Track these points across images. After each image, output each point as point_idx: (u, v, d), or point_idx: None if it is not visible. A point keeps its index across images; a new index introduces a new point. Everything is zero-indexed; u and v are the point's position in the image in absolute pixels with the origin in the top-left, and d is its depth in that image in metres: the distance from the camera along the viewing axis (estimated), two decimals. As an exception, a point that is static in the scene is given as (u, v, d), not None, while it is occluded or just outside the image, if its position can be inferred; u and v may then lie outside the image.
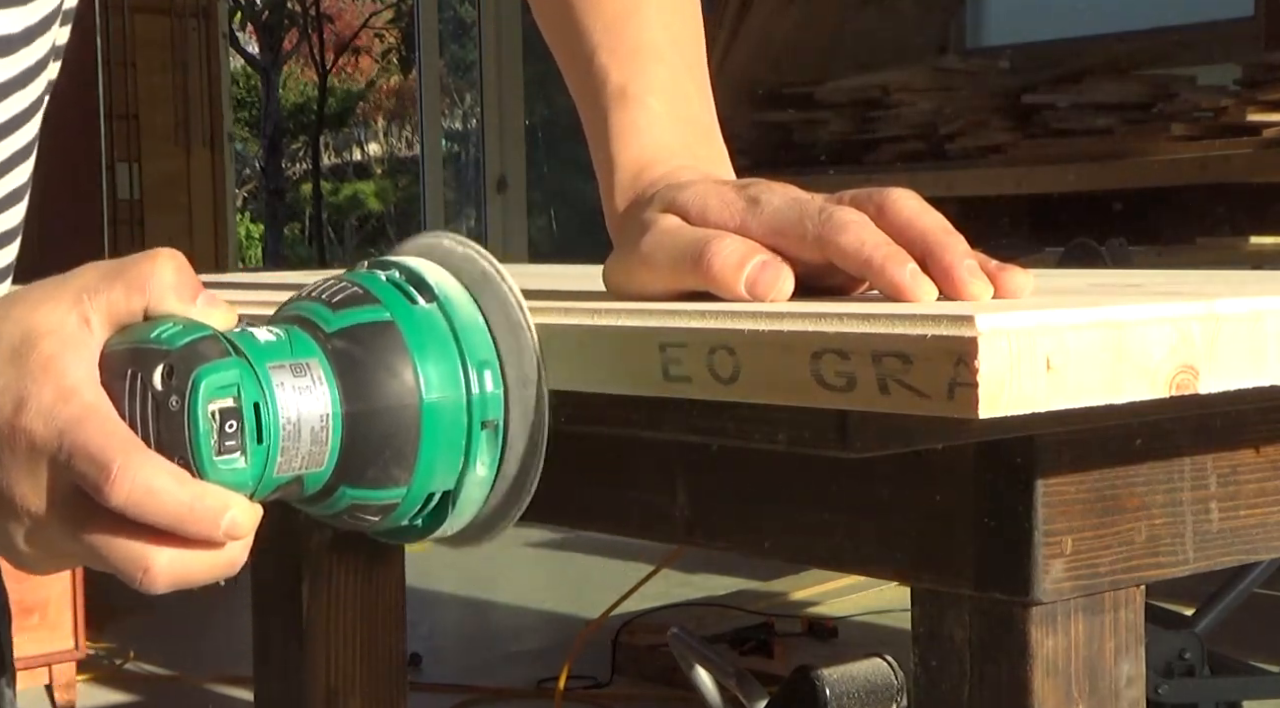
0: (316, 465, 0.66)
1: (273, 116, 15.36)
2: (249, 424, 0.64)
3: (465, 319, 0.68)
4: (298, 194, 16.40)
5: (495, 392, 0.68)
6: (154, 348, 0.64)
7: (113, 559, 0.64)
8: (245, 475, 0.64)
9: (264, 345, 0.66)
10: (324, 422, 0.65)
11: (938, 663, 0.74)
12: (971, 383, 0.58)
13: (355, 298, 0.68)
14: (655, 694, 3.66)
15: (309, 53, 16.25)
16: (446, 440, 0.67)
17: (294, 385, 0.65)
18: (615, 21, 0.90)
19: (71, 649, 3.54)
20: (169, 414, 0.63)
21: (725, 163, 0.88)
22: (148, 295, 0.66)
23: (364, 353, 0.66)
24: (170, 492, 0.63)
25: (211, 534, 0.64)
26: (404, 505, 0.68)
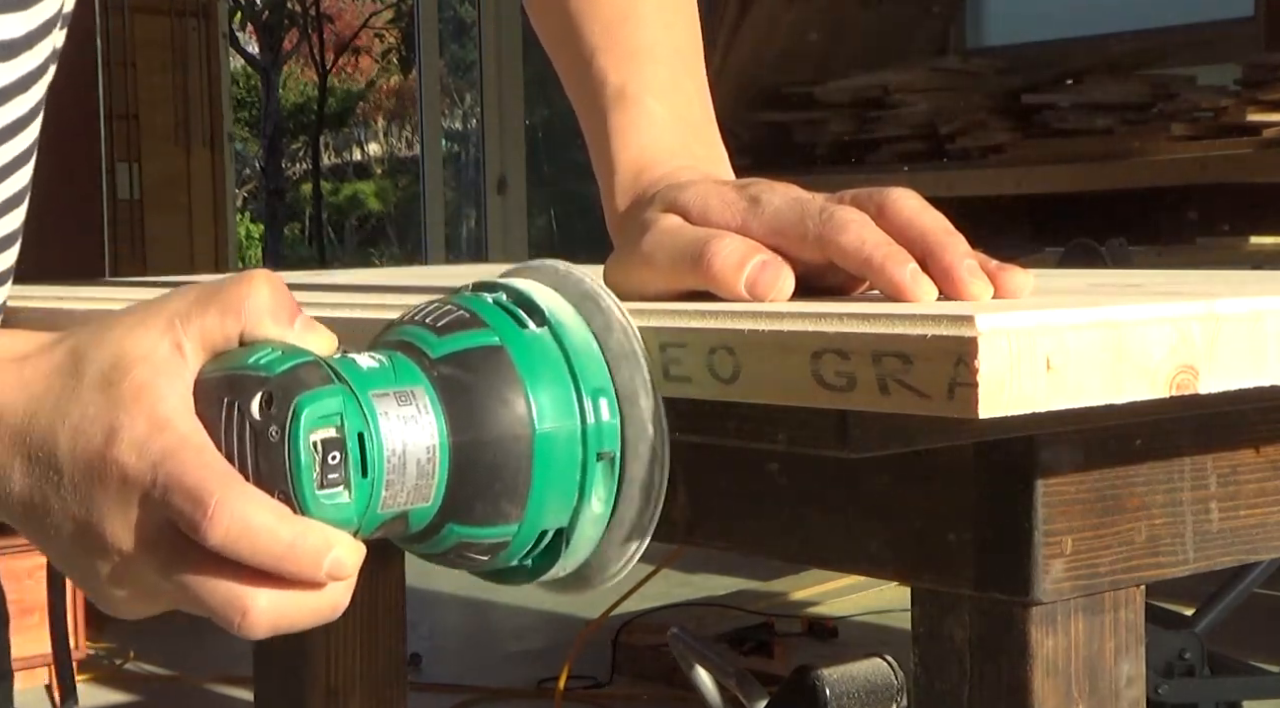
0: (423, 500, 0.62)
1: (273, 116, 15.36)
2: (353, 456, 0.60)
3: (578, 344, 0.65)
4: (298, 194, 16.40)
5: (611, 421, 0.65)
6: (251, 375, 0.61)
7: (208, 601, 0.61)
8: (349, 511, 0.61)
9: (366, 372, 0.62)
10: (430, 453, 0.62)
11: (938, 663, 0.74)
12: (971, 383, 0.58)
13: (461, 322, 0.64)
14: (655, 694, 3.66)
15: (309, 53, 16.25)
16: (560, 474, 0.64)
17: (399, 415, 0.61)
18: (613, 23, 0.90)
19: (71, 649, 3.54)
20: (268, 445, 0.60)
21: (724, 163, 0.88)
22: (243, 320, 0.63)
23: (473, 380, 0.63)
24: (270, 530, 0.60)
25: (314, 575, 0.61)
26: (514, 544, 0.64)
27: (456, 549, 0.64)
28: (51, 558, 0.65)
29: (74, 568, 0.64)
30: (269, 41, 15.71)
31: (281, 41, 15.94)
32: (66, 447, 0.62)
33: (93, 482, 0.61)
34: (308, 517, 0.60)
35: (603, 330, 0.66)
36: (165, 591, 0.63)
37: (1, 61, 0.83)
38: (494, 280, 0.68)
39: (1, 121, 0.84)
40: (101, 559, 0.62)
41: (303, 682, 1.44)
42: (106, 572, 0.63)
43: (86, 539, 0.62)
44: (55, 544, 0.63)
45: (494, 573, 0.67)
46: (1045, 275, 0.86)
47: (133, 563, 0.62)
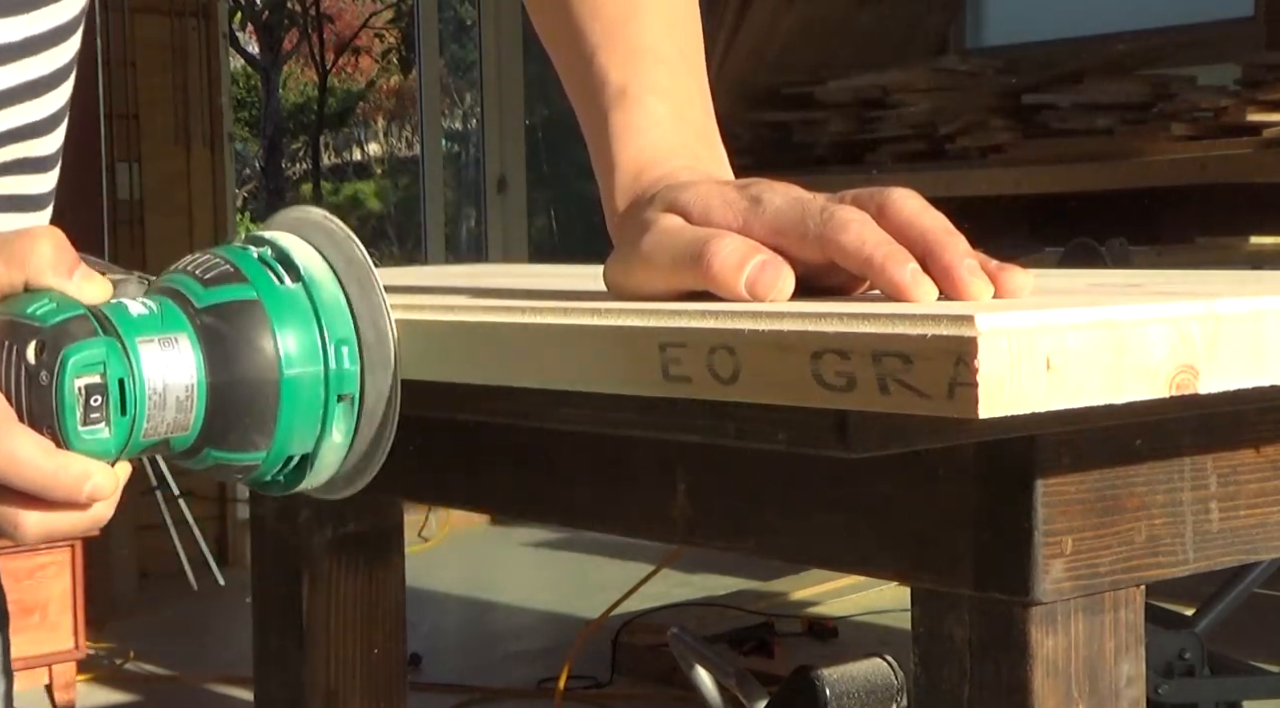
0: (182, 430, 0.72)
1: (273, 116, 15.35)
2: (113, 397, 0.70)
3: (328, 299, 0.75)
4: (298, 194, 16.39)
5: (352, 368, 0.74)
6: (29, 323, 0.70)
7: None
8: (109, 444, 0.70)
9: (135, 319, 0.71)
10: (189, 392, 0.72)
11: (938, 663, 0.74)
12: (971, 383, 0.58)
13: (225, 275, 0.74)
14: (655, 694, 3.66)
15: (309, 53, 16.24)
16: (304, 411, 0.74)
17: (161, 358, 0.71)
18: (614, 23, 0.90)
19: (71, 649, 3.54)
20: (39, 388, 0.69)
21: (724, 164, 0.88)
22: (27, 270, 0.71)
23: (230, 329, 0.72)
24: (35, 461, 0.69)
25: (75, 498, 0.70)
26: (264, 466, 0.75)
27: (215, 467, 0.74)
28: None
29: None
30: (269, 41, 15.70)
31: (281, 41, 15.93)
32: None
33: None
34: (71, 450, 0.69)
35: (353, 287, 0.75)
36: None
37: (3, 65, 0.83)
38: (259, 234, 0.77)
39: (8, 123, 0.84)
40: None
41: (303, 682, 1.44)
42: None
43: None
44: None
45: (252, 482, 0.77)
46: (1045, 275, 0.86)
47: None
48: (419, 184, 6.70)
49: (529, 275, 1.41)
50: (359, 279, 0.75)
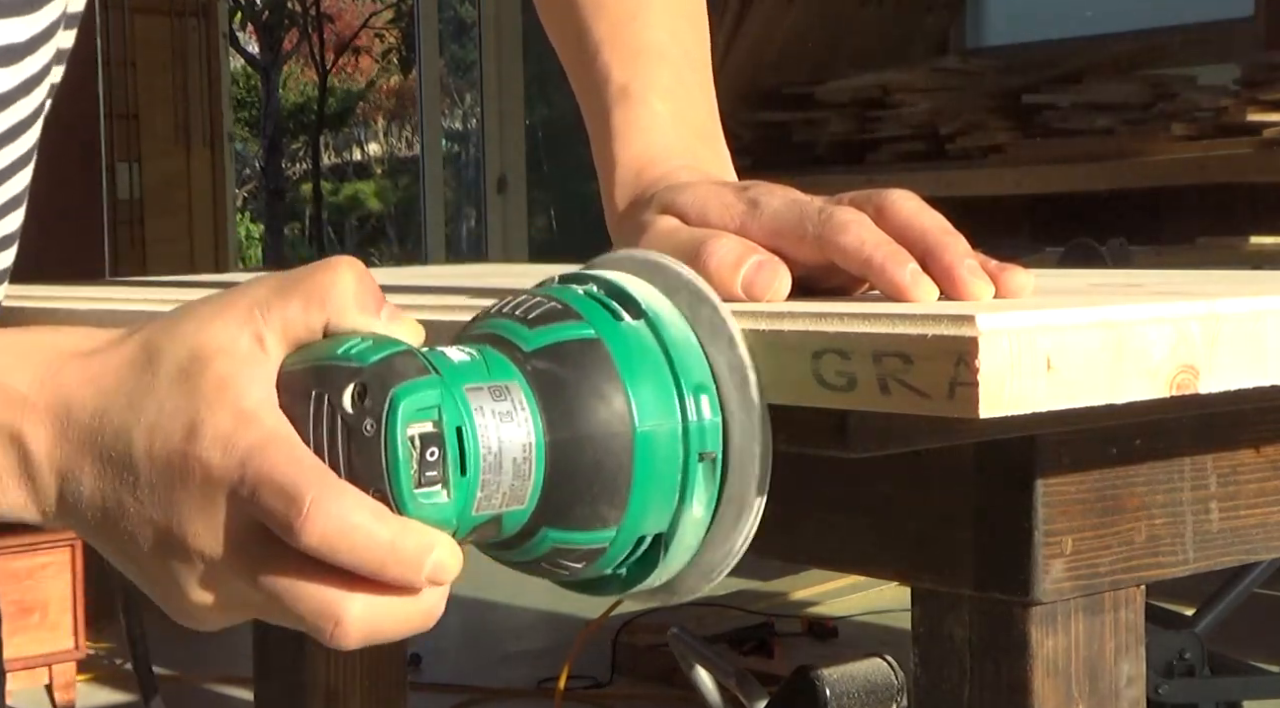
0: (518, 503, 0.59)
1: (273, 116, 15.35)
2: (452, 452, 0.57)
3: (677, 337, 0.61)
4: (298, 194, 16.40)
5: (714, 419, 0.61)
6: (342, 365, 0.57)
7: (298, 608, 0.57)
8: (448, 512, 0.57)
9: (457, 366, 0.58)
10: (526, 452, 0.58)
11: (938, 663, 0.74)
12: (972, 383, 0.58)
13: (554, 314, 0.61)
14: (655, 694, 3.66)
15: (309, 53, 16.25)
16: (661, 475, 0.60)
17: (494, 411, 0.58)
18: (620, 22, 0.90)
19: (71, 649, 3.54)
20: (362, 440, 0.56)
21: (726, 164, 0.88)
22: (328, 309, 0.59)
23: (569, 374, 0.59)
24: (369, 530, 0.56)
25: (414, 578, 0.57)
26: (612, 550, 0.60)
27: (549, 556, 0.60)
28: (125, 568, 0.61)
29: (151, 577, 0.60)
30: (269, 41, 15.71)
31: (281, 41, 15.93)
32: (143, 445, 0.58)
33: (173, 482, 0.57)
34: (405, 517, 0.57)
35: (700, 322, 0.62)
36: (250, 599, 0.59)
37: (4, 66, 0.82)
38: (583, 272, 0.64)
39: (6, 124, 0.84)
40: (183, 565, 0.58)
41: (303, 682, 1.44)
42: (189, 579, 0.59)
43: (167, 544, 0.58)
44: (131, 551, 0.59)
45: (584, 583, 0.63)
46: (1045, 275, 0.86)
47: (217, 568, 0.58)
48: (419, 184, 6.71)
49: (529, 276, 1.41)
50: (707, 316, 0.62)
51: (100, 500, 0.59)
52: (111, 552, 0.60)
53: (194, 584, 0.59)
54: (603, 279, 0.63)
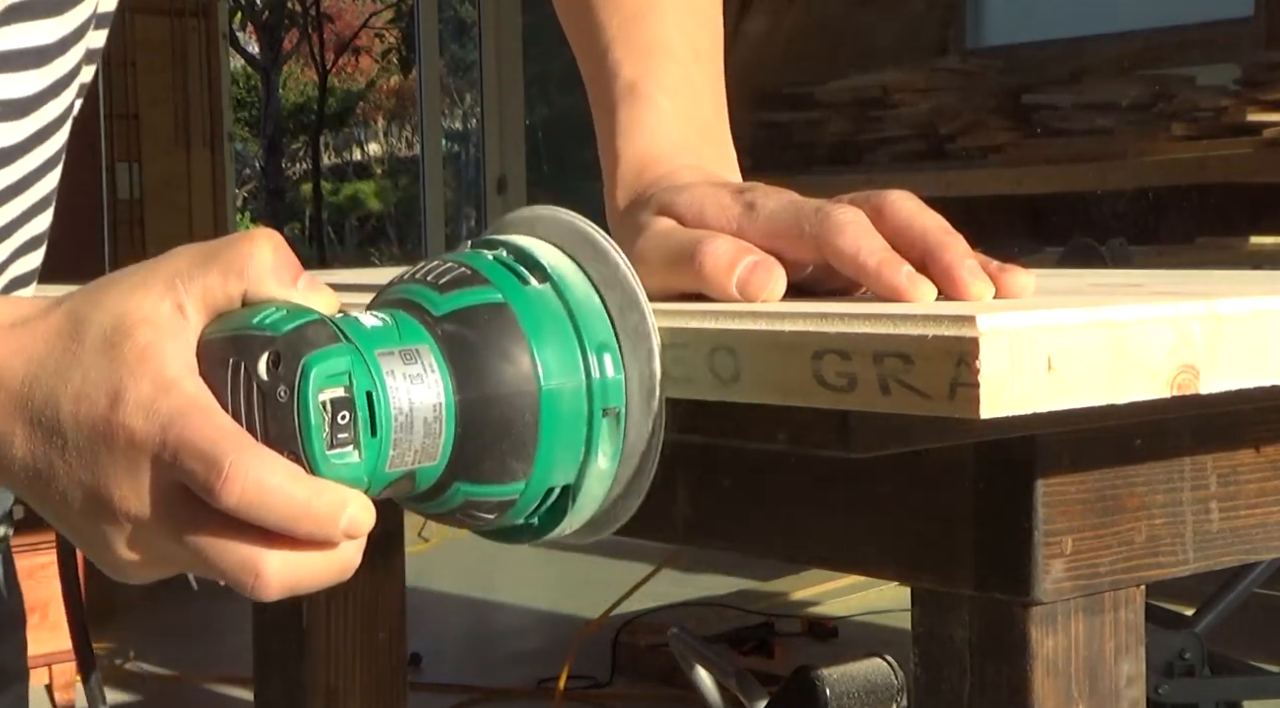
0: (430, 459, 0.61)
1: (273, 116, 15.35)
2: (362, 415, 0.59)
3: (581, 299, 0.64)
4: (298, 194, 16.40)
5: (616, 377, 0.63)
6: (257, 334, 0.60)
7: (220, 563, 0.60)
8: (359, 471, 0.60)
9: (370, 331, 0.61)
10: (437, 412, 0.61)
11: (938, 663, 0.74)
12: (973, 383, 0.58)
13: (463, 279, 0.63)
14: (655, 694, 3.66)
15: (309, 53, 16.25)
16: (567, 430, 0.63)
17: (405, 373, 0.60)
18: (631, 18, 0.90)
19: (71, 649, 3.54)
20: (276, 405, 0.59)
21: (732, 165, 0.88)
22: (246, 279, 0.61)
23: (477, 337, 0.62)
24: (285, 489, 0.58)
25: (330, 533, 0.60)
26: (522, 501, 0.63)
27: (463, 508, 0.63)
28: (58, 525, 0.64)
29: (82, 535, 0.63)
30: (269, 41, 15.71)
31: (281, 41, 15.93)
32: (70, 411, 0.60)
33: (98, 446, 0.60)
34: (319, 477, 0.59)
35: (605, 282, 0.65)
36: (176, 555, 0.61)
37: (34, 68, 0.82)
38: (493, 237, 0.67)
39: (35, 126, 0.84)
40: (111, 525, 0.61)
41: (303, 682, 1.44)
42: (117, 538, 0.61)
43: (95, 505, 0.61)
44: (62, 511, 0.62)
45: (499, 531, 0.66)
46: (1045, 275, 0.86)
47: (143, 528, 0.60)
48: (419, 184, 6.71)
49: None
50: (610, 276, 0.65)
51: (31, 462, 0.62)
52: (46, 511, 0.63)
53: (122, 543, 0.61)
54: (511, 244, 0.65)
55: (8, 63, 0.81)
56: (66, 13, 0.83)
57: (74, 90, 0.86)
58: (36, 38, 0.82)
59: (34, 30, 0.81)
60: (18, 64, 0.81)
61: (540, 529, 0.65)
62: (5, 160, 0.82)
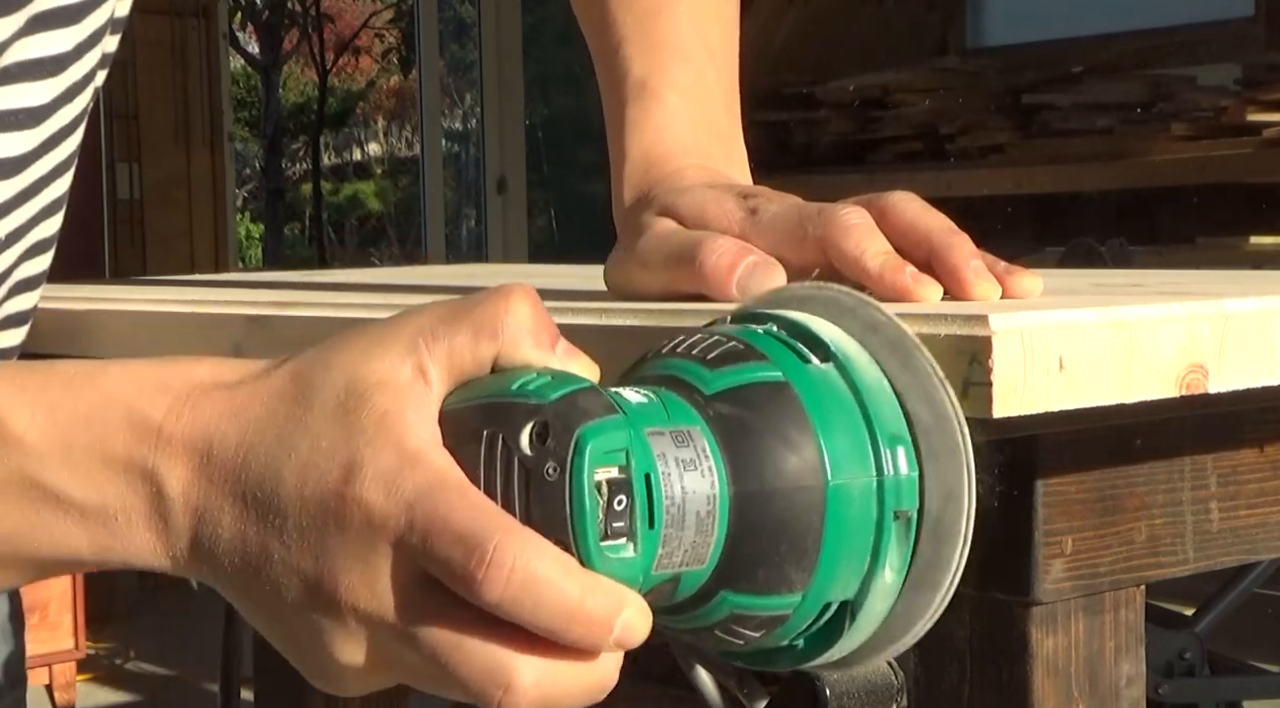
0: (698, 562, 0.53)
1: (273, 116, 15.35)
2: (640, 502, 0.51)
3: (870, 383, 0.55)
4: (298, 194, 16.40)
5: (910, 474, 0.55)
6: (519, 402, 0.51)
7: (463, 672, 0.51)
8: (634, 568, 0.51)
9: (636, 407, 0.53)
10: (711, 505, 0.52)
11: (938, 663, 0.74)
12: (986, 382, 0.58)
13: (736, 354, 0.55)
14: (655, 694, 3.66)
15: (309, 53, 16.25)
16: (853, 535, 0.54)
17: (677, 458, 0.52)
18: (646, 16, 0.90)
19: (71, 649, 3.54)
20: (542, 485, 0.50)
21: (741, 165, 0.88)
22: (500, 341, 0.54)
23: (756, 420, 0.53)
24: (559, 584, 0.50)
25: (600, 641, 0.51)
26: (795, 618, 0.55)
27: (725, 622, 0.55)
28: (263, 622, 0.55)
29: (293, 634, 0.55)
30: (269, 41, 15.70)
31: (281, 41, 15.93)
32: (294, 484, 0.53)
33: (327, 526, 0.52)
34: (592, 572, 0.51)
35: (897, 369, 0.56)
36: (404, 660, 0.53)
37: (51, 77, 0.82)
38: (759, 310, 0.59)
39: (48, 132, 0.84)
40: (332, 621, 0.53)
41: (303, 682, 1.44)
42: (337, 637, 0.53)
43: (315, 596, 0.53)
44: (272, 604, 0.54)
45: (755, 654, 0.58)
46: (1046, 275, 0.86)
47: (372, 625, 0.52)
48: (419, 184, 6.71)
49: (529, 276, 1.41)
50: (899, 354, 0.56)
51: (241, 545, 0.54)
52: (249, 604, 0.55)
53: (342, 642, 0.53)
54: (784, 318, 0.57)
55: (27, 72, 0.81)
56: (84, 20, 0.82)
57: (88, 95, 0.86)
58: (55, 46, 0.81)
59: (52, 39, 0.81)
60: (36, 73, 0.81)
61: (805, 653, 0.57)
62: (18, 167, 0.82)
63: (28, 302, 0.89)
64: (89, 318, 1.00)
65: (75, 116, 0.85)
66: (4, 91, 0.80)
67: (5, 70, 0.79)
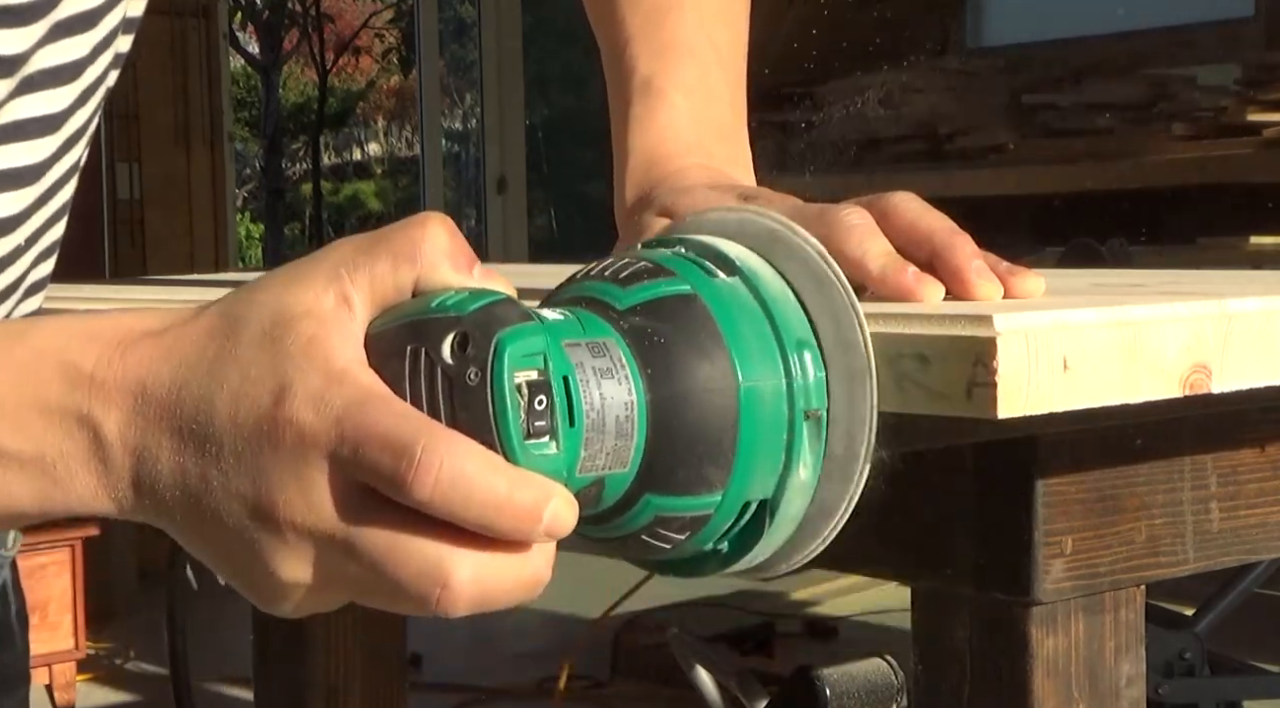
0: (620, 466, 0.55)
1: (273, 116, 15.35)
2: (560, 401, 0.53)
3: (775, 293, 0.58)
4: (298, 194, 16.40)
5: (818, 376, 0.57)
6: (439, 317, 0.54)
7: (401, 572, 0.53)
8: (558, 465, 0.53)
9: (553, 323, 0.55)
10: (629, 410, 0.54)
11: (938, 663, 0.74)
12: (990, 383, 0.58)
13: (646, 271, 0.57)
14: (655, 694, 3.66)
15: (309, 53, 16.25)
16: (767, 435, 0.56)
17: (594, 367, 0.54)
18: (653, 14, 0.90)
19: (71, 649, 3.54)
20: (466, 390, 0.52)
21: (746, 165, 0.88)
22: (419, 266, 0.55)
23: (668, 330, 0.55)
24: (486, 478, 0.52)
25: (531, 530, 0.53)
26: (716, 517, 0.56)
27: (651, 526, 0.56)
28: (206, 552, 0.57)
29: (236, 558, 0.56)
30: (269, 41, 15.70)
31: (281, 41, 15.93)
32: (227, 413, 0.54)
33: (261, 448, 0.54)
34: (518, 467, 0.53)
35: (798, 277, 0.59)
36: (345, 570, 0.54)
37: (66, 83, 0.82)
38: (667, 236, 0.61)
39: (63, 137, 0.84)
40: (273, 538, 0.54)
41: (303, 682, 1.44)
42: (279, 554, 0.55)
43: (255, 517, 0.54)
44: (213, 532, 0.55)
45: (680, 562, 0.59)
46: (1046, 275, 0.86)
47: (312, 538, 0.54)
48: (419, 184, 6.71)
49: (529, 276, 1.41)
50: (809, 273, 0.59)
51: (180, 477, 0.55)
52: (192, 536, 0.57)
53: (284, 559, 0.55)
54: (691, 240, 0.60)
55: (49, 79, 0.80)
56: (99, 24, 0.82)
57: (100, 96, 0.86)
58: (74, 52, 0.81)
59: (72, 45, 0.81)
60: (57, 80, 0.81)
61: (729, 556, 0.59)
62: (38, 174, 0.82)
63: (34, 304, 0.89)
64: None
65: (87, 119, 0.85)
66: (28, 100, 0.79)
67: (29, 78, 0.79)
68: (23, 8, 0.77)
